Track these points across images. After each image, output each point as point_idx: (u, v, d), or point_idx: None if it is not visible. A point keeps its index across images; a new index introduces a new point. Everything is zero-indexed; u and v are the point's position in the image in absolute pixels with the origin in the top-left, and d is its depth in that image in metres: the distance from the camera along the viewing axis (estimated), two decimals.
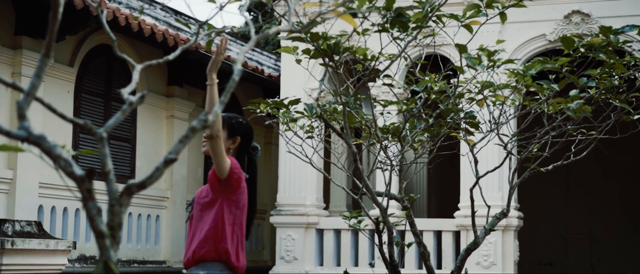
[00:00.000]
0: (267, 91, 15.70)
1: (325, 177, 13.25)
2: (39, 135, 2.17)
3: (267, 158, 16.73)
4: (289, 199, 12.86)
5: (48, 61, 2.24)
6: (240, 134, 4.64)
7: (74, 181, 2.22)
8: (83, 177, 2.22)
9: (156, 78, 13.41)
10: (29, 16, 10.65)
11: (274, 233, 13.69)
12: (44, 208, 11.10)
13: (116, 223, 2.27)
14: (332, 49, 4.16)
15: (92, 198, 2.24)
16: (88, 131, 2.33)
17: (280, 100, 4.75)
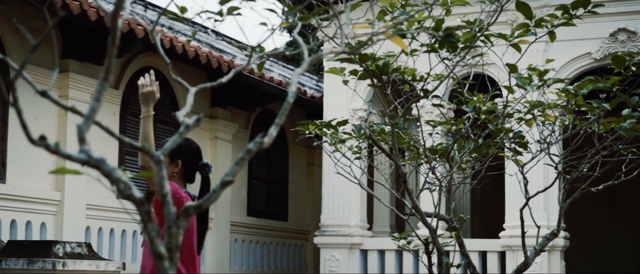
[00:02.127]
0: (309, 112, 15.74)
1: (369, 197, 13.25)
2: (99, 158, 2.19)
3: (309, 179, 16.75)
4: (333, 220, 12.85)
5: (107, 85, 2.26)
6: (180, 157, 4.65)
7: (133, 204, 2.24)
8: (142, 200, 2.23)
9: (200, 100, 13.51)
10: (75, 40, 10.80)
11: (318, 254, 13.67)
12: (91, 229, 11.21)
13: (174, 245, 2.29)
14: (381, 69, 4.16)
15: (151, 220, 2.26)
16: (146, 154, 2.34)
17: (328, 121, 4.76)
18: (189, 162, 4.64)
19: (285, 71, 16.86)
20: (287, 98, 2.48)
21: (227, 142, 13.99)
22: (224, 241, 13.82)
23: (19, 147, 10.34)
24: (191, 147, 4.76)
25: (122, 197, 11.97)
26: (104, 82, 2.27)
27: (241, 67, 3.17)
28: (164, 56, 2.95)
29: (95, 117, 2.36)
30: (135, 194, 2.21)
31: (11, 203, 10.07)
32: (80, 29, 10.58)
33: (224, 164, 13.91)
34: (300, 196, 16.53)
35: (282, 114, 2.41)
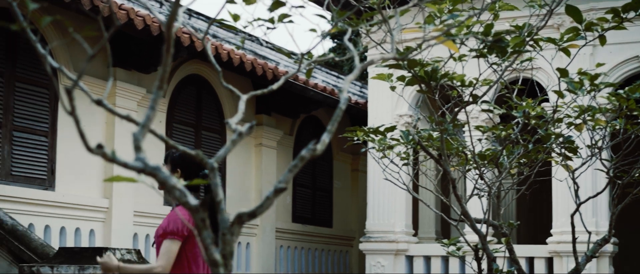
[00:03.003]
0: (353, 118, 15.73)
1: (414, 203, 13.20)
2: (155, 166, 2.20)
3: (354, 185, 16.73)
4: (378, 226, 12.83)
5: (161, 93, 2.27)
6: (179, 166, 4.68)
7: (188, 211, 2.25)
8: (197, 207, 2.24)
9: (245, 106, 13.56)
10: (122, 48, 10.91)
11: (363, 260, 13.65)
12: (138, 236, 11.32)
13: (228, 252, 2.29)
14: (430, 75, 4.15)
15: (206, 227, 2.27)
16: (200, 161, 2.35)
17: (376, 127, 4.76)
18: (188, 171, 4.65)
19: (328, 77, 16.88)
20: (339, 105, 2.47)
21: (271, 149, 14.03)
22: (269, 248, 13.86)
23: (68, 155, 10.47)
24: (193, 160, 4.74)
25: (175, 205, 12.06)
26: (159, 90, 2.28)
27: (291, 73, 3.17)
28: (216, 65, 2.97)
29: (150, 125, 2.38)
30: (190, 202, 2.22)
31: (61, 210, 10.20)
32: (127, 38, 10.69)
33: (269, 171, 13.95)
34: (345, 202, 16.52)
35: (334, 121, 2.41)
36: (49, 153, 10.28)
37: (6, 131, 9.76)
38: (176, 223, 4.49)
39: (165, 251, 4.44)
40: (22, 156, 9.98)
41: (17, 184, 9.82)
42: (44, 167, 10.21)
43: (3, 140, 9.73)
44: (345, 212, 16.52)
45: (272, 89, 3.09)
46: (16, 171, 9.88)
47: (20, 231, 7.01)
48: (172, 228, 4.48)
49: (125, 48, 10.95)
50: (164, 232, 4.50)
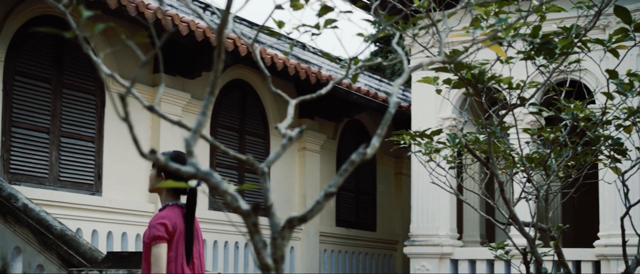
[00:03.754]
0: (396, 121, 15.69)
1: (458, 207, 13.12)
2: (207, 171, 2.21)
3: (397, 189, 16.70)
4: (423, 230, 12.78)
5: (213, 99, 2.29)
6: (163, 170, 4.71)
7: (240, 216, 2.27)
8: (249, 212, 2.25)
9: None
10: (167, 54, 11.01)
11: (407, 263, 13.60)
12: None
13: (279, 256, 2.30)
14: (477, 78, 4.13)
15: (257, 232, 2.27)
16: (250, 166, 2.37)
17: (422, 131, 4.75)
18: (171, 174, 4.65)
19: (370, 80, 16.86)
20: (388, 109, 2.47)
21: (315, 153, 14.05)
22: (313, 252, 13.88)
23: (114, 161, 10.59)
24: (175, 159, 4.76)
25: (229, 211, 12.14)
26: (210, 96, 2.30)
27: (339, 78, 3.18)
28: (265, 71, 2.98)
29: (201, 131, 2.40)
30: (242, 206, 2.23)
31: (107, 215, 10.32)
32: (171, 44, 10.78)
33: (313, 175, 13.97)
34: (388, 206, 16.49)
35: (384, 125, 2.41)
36: (95, 159, 10.40)
37: (54, 137, 9.89)
38: (157, 228, 4.55)
39: (154, 256, 4.53)
40: (70, 162, 10.11)
41: (65, 190, 9.96)
42: (91, 173, 10.33)
43: (51, 146, 9.86)
44: (388, 215, 16.49)
45: (321, 94, 3.10)
46: (64, 176, 10.01)
47: (69, 236, 7.10)
48: (155, 233, 4.55)
49: (170, 54, 11.05)
50: (149, 239, 4.57)
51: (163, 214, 4.60)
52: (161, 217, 4.58)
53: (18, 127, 9.53)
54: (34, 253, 7.19)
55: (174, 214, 4.61)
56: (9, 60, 9.44)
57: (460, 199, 5.15)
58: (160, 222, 4.55)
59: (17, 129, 9.53)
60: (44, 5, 9.75)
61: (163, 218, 4.57)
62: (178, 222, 4.59)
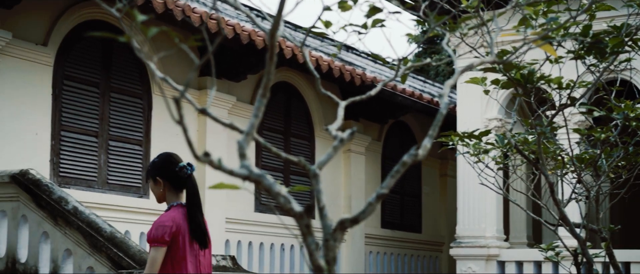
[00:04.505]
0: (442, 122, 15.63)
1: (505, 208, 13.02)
2: (260, 173, 2.22)
3: (442, 190, 16.63)
4: (469, 231, 12.70)
5: (265, 101, 2.30)
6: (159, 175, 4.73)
7: (293, 218, 2.27)
8: (302, 214, 2.26)
9: (334, 113, 13.63)
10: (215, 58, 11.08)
11: (453, 265, 13.54)
12: (230, 243, 11.46)
13: (331, 257, 2.30)
14: (526, 78, 4.10)
15: (310, 234, 2.27)
16: (302, 168, 2.38)
17: (470, 132, 4.72)
18: (168, 175, 4.71)
19: (415, 81, 16.81)
20: (439, 110, 2.47)
21: (360, 155, 14.04)
22: (358, 253, 13.87)
23: None
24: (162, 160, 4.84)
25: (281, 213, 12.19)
26: (263, 98, 2.31)
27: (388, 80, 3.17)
28: (314, 73, 2.99)
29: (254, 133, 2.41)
30: (295, 208, 2.24)
31: (154, 218, 10.38)
32: (217, 47, 10.84)
33: (358, 177, 13.96)
34: (433, 207, 16.42)
35: (435, 126, 2.40)
36: (143, 161, 10.50)
37: (102, 141, 10.01)
38: (158, 230, 4.57)
39: (151, 259, 4.59)
40: (118, 165, 10.22)
41: (114, 192, 10.07)
42: (139, 176, 10.43)
43: (99, 149, 9.98)
44: (434, 217, 16.42)
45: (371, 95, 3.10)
46: (112, 179, 10.12)
47: (118, 238, 7.17)
48: (155, 235, 4.58)
49: (216, 57, 11.12)
50: (149, 240, 4.62)
51: (169, 216, 4.64)
52: (167, 219, 4.62)
53: (67, 131, 9.66)
54: (84, 255, 7.28)
55: (178, 215, 4.65)
56: (58, 65, 9.57)
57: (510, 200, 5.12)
58: (166, 224, 4.59)
59: (67, 132, 9.65)
60: (92, 10, 9.87)
61: (169, 220, 4.61)
62: (182, 222, 4.63)
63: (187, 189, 4.70)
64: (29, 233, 7.72)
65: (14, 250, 7.82)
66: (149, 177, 4.82)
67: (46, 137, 9.40)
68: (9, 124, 9.00)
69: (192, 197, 4.69)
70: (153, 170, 4.78)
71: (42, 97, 9.37)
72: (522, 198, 11.87)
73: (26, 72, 9.22)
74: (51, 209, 7.42)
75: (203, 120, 11.10)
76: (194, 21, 9.65)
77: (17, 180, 7.73)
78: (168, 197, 4.73)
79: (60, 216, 7.38)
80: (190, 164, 4.74)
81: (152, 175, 4.77)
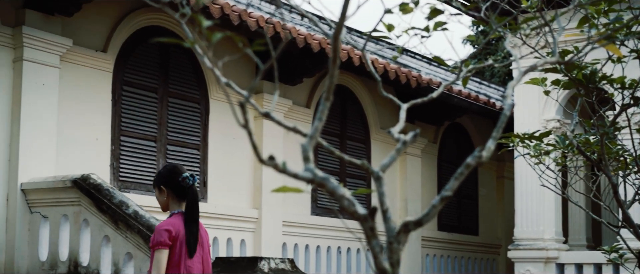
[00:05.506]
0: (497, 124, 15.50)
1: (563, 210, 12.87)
2: (324, 176, 2.23)
3: (499, 192, 16.49)
4: (527, 233, 12.58)
5: (328, 104, 2.30)
6: (163, 184, 5.04)
7: (357, 221, 2.27)
8: (366, 216, 2.26)
9: (390, 115, 13.60)
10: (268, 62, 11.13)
11: (511, 267, 13.41)
12: (287, 246, 11.50)
13: (395, 260, 2.30)
14: (588, 78, 4.04)
15: (375, 236, 2.27)
16: (365, 171, 2.38)
17: (531, 133, 4.67)
18: (172, 185, 5.01)
19: (470, 83, 16.70)
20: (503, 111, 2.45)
21: (416, 158, 13.99)
22: (415, 256, 13.82)
23: (218, 168, 10.77)
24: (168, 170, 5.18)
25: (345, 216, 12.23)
26: (326, 101, 2.32)
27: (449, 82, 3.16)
28: (376, 75, 2.98)
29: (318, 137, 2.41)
30: (359, 211, 2.24)
31: (213, 221, 10.49)
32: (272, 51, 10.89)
33: (414, 180, 13.92)
34: (490, 209, 16.29)
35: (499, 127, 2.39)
36: (201, 166, 10.60)
37: (161, 145, 10.12)
38: (161, 235, 4.89)
39: (155, 261, 4.91)
40: None
41: None
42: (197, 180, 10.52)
43: (158, 154, 10.09)
44: (491, 219, 16.29)
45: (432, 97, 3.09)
46: None
47: None
48: (158, 239, 4.90)
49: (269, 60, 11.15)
50: (152, 245, 4.95)
51: (169, 222, 4.97)
52: (167, 224, 4.95)
53: (127, 136, 9.79)
54: (145, 259, 7.36)
55: (177, 221, 4.95)
56: (117, 71, 9.71)
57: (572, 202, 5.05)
58: (165, 229, 4.91)
59: (126, 137, 9.79)
60: (149, 16, 10.00)
61: (168, 225, 4.94)
62: (181, 229, 4.94)
63: (187, 198, 5.01)
64: (91, 236, 7.84)
65: (76, 254, 7.95)
66: (154, 186, 5.15)
67: (106, 142, 9.54)
68: (71, 129, 9.15)
69: (191, 207, 5.02)
70: (159, 179, 5.12)
71: (102, 102, 9.52)
72: (581, 200, 11.72)
73: (86, 79, 9.37)
74: (112, 213, 7.53)
75: (259, 124, 11.17)
76: (251, 26, 9.71)
77: (79, 185, 7.86)
78: (171, 205, 5.05)
79: (121, 220, 7.49)
80: (193, 176, 5.09)
81: (157, 184, 5.11)
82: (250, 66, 11.28)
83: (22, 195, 8.43)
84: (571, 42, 4.43)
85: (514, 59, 3.00)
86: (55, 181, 8.19)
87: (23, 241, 8.38)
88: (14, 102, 8.61)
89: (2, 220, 8.47)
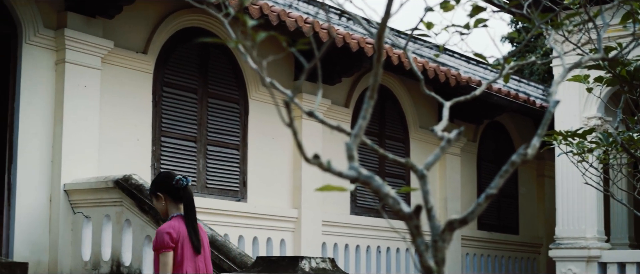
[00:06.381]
0: (538, 122, 15.38)
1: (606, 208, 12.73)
2: (369, 175, 2.23)
3: (540, 191, 16.36)
4: (569, 232, 12.47)
5: (372, 102, 2.31)
6: (159, 190, 5.31)
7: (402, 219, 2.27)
8: (411, 215, 2.26)
9: (428, 114, 13.56)
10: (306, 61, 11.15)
11: (551, 267, 13.29)
12: (327, 245, 11.51)
13: (440, 258, 2.29)
14: (632, 75, 4.00)
15: (420, 235, 2.27)
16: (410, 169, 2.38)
17: (574, 131, 4.63)
18: (167, 189, 5.27)
19: (510, 81, 16.59)
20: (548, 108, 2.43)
21: (455, 156, 13.93)
22: (455, 255, 13.75)
23: (258, 167, 10.81)
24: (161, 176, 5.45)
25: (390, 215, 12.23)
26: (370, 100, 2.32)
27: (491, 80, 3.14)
28: (419, 74, 2.98)
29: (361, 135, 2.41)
30: (404, 209, 2.24)
31: (253, 221, 10.54)
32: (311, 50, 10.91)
33: (453, 178, 13.86)
34: (531, 208, 16.17)
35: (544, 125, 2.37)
36: (240, 166, 10.64)
37: (201, 146, 10.19)
38: (162, 237, 5.14)
39: (162, 265, 5.17)
40: (216, 169, 10.38)
41: (212, 196, 10.23)
42: (237, 180, 10.58)
43: (198, 154, 10.16)
44: (531, 218, 16.17)
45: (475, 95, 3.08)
46: (211, 183, 10.29)
47: (219, 241, 7.29)
48: (161, 242, 5.15)
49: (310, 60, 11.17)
50: (155, 248, 5.20)
51: (169, 224, 5.21)
52: (168, 227, 5.18)
53: (167, 137, 9.87)
54: None
55: (178, 223, 5.20)
56: (157, 72, 9.79)
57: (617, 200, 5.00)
58: (167, 231, 5.14)
59: (167, 138, 9.86)
60: (189, 18, 10.06)
61: (169, 227, 5.17)
62: (182, 230, 5.18)
63: (183, 199, 5.25)
64: (133, 236, 7.91)
65: (118, 254, 8.02)
66: (151, 195, 5.39)
67: (147, 143, 9.62)
68: (112, 130, 9.25)
69: (188, 207, 5.26)
70: (154, 187, 5.35)
71: (142, 104, 9.60)
72: (624, 198, 11.59)
73: (127, 80, 9.45)
74: (154, 213, 7.59)
75: (298, 124, 11.20)
76: (290, 26, 9.74)
77: (121, 185, 7.94)
78: (170, 210, 5.29)
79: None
80: (186, 177, 5.32)
81: (153, 192, 5.34)
82: (287, 66, 11.30)
83: (65, 196, 8.53)
84: (614, 38, 4.39)
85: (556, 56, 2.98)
86: (97, 182, 8.27)
87: (66, 241, 8.48)
88: (56, 104, 8.72)
89: (46, 221, 8.58)
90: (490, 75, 15.90)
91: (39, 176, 8.57)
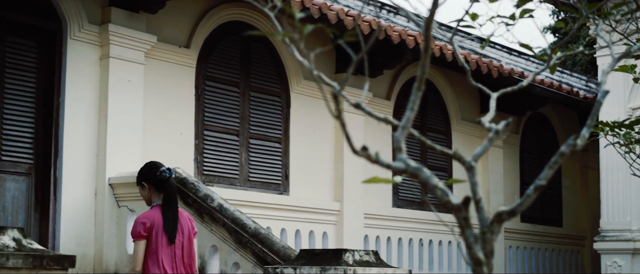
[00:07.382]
0: (581, 114, 15.23)
1: None
2: (417, 166, 2.23)
3: (583, 183, 16.19)
4: (614, 225, 12.34)
5: (420, 94, 2.30)
6: (144, 179, 5.63)
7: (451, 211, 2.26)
8: (460, 206, 2.25)
9: (469, 106, 13.49)
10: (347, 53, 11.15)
11: (596, 259, 13.18)
12: (369, 238, 11.51)
13: (489, 250, 2.28)
14: None
15: (469, 226, 2.26)
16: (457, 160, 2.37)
17: (621, 121, 4.58)
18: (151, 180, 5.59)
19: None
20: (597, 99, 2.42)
21: (498, 148, 13.85)
22: (498, 248, 13.67)
23: (300, 160, 10.83)
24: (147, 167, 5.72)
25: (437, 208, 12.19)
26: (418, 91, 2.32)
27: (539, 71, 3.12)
28: (466, 65, 2.98)
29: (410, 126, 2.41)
30: (453, 201, 2.23)
31: (295, 214, 10.57)
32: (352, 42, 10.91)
33: (496, 170, 13.77)
34: (574, 200, 16.02)
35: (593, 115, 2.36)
36: (282, 159, 10.68)
37: (243, 139, 10.23)
38: (136, 227, 5.46)
39: (134, 251, 5.47)
40: (258, 162, 10.43)
41: (255, 190, 10.28)
42: (279, 173, 10.61)
43: (240, 148, 10.21)
44: (575, 211, 16.02)
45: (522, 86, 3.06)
46: (253, 177, 10.34)
47: (262, 234, 7.32)
48: (134, 231, 5.46)
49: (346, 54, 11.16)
50: (132, 235, 5.50)
51: (145, 215, 5.51)
52: (143, 217, 5.49)
53: (210, 130, 9.93)
54: (230, 251, 7.46)
55: (154, 213, 5.50)
56: (199, 66, 9.85)
57: None
58: (141, 221, 5.46)
59: (209, 132, 9.92)
60: (230, 12, 10.10)
61: (144, 218, 5.48)
62: (156, 219, 5.47)
63: (165, 189, 5.54)
64: None
65: None
66: (137, 184, 5.69)
67: (190, 136, 9.68)
68: (156, 124, 9.32)
69: (168, 197, 5.53)
70: (140, 177, 5.66)
71: (185, 97, 9.66)
72: None
73: (170, 74, 9.52)
74: (198, 206, 7.64)
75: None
76: (331, 18, 9.74)
77: None
78: (153, 198, 5.60)
79: (206, 213, 7.60)
80: (170, 169, 5.60)
81: (139, 181, 5.65)
82: (328, 59, 11.30)
83: (109, 189, 8.62)
84: None
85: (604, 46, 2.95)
86: None
87: (111, 235, 8.57)
88: (101, 99, 8.81)
89: (91, 214, 8.68)
90: (531, 66, 15.77)
91: (84, 170, 8.67)
